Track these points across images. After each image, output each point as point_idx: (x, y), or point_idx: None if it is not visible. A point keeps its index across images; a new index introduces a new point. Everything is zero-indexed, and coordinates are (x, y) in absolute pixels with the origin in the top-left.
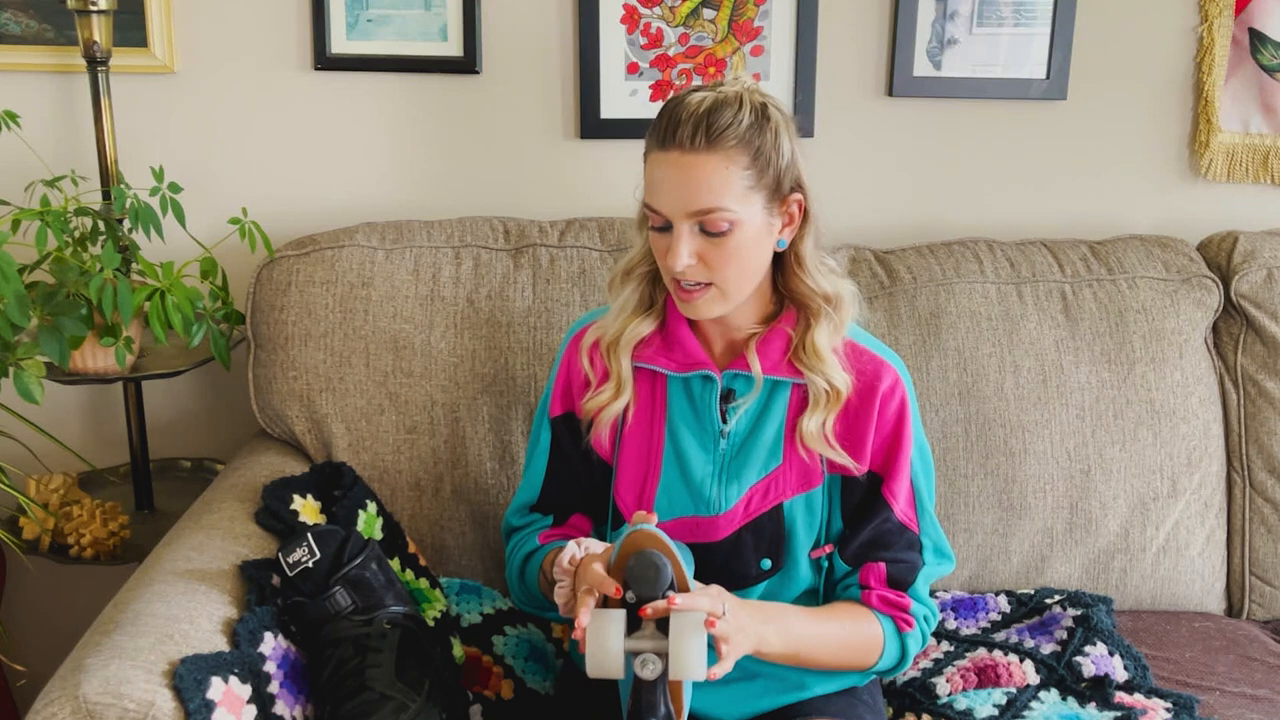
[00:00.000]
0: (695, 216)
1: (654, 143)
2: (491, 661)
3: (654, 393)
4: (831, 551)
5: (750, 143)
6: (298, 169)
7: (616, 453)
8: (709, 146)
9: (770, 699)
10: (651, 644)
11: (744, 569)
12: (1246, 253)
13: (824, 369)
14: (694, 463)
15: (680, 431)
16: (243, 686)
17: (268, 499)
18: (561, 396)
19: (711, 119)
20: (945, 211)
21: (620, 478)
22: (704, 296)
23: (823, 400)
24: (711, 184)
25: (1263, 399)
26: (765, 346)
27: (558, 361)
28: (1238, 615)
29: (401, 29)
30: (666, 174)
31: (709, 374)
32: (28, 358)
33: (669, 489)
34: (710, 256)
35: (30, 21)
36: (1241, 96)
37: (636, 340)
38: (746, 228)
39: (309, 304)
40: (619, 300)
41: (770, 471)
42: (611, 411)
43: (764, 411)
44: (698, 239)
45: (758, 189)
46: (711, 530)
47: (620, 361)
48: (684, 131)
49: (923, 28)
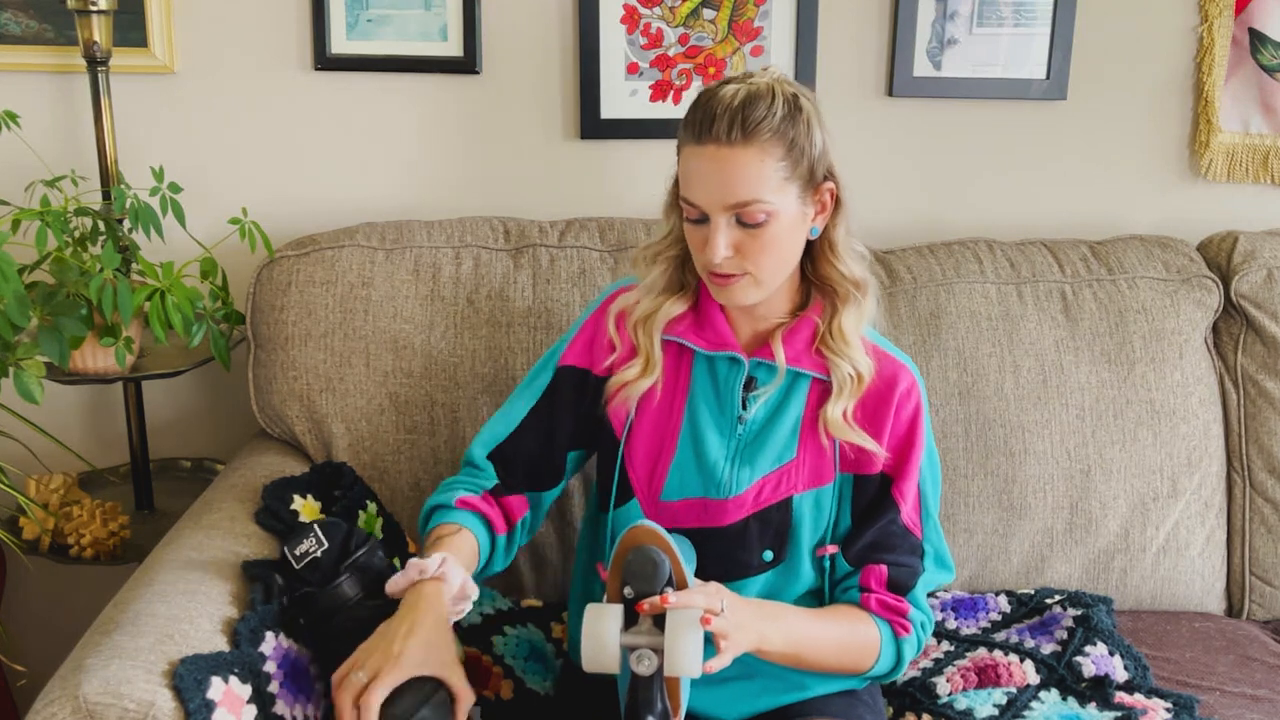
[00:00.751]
0: (733, 209)
1: (689, 136)
2: (491, 661)
3: (679, 368)
4: (836, 552)
5: (784, 134)
6: (298, 169)
7: (630, 423)
8: (745, 140)
9: (769, 698)
10: (648, 640)
11: (747, 558)
12: (1246, 253)
13: (851, 354)
14: (710, 444)
15: (700, 411)
16: (243, 686)
17: (268, 499)
18: (582, 350)
19: (746, 112)
20: (945, 211)
21: (634, 450)
22: (739, 284)
23: (847, 387)
24: (748, 177)
25: (1263, 399)
26: (791, 337)
27: (586, 315)
28: (1238, 615)
29: (401, 29)
30: (703, 167)
31: (736, 356)
32: (28, 358)
33: (682, 467)
34: (747, 247)
35: (30, 21)
36: (1241, 96)
37: (669, 319)
38: (782, 218)
39: (309, 304)
40: (648, 279)
41: (784, 464)
42: (639, 388)
43: (783, 403)
44: (734, 231)
45: (793, 180)
46: (720, 514)
47: (653, 340)
48: (720, 126)
49: (923, 28)
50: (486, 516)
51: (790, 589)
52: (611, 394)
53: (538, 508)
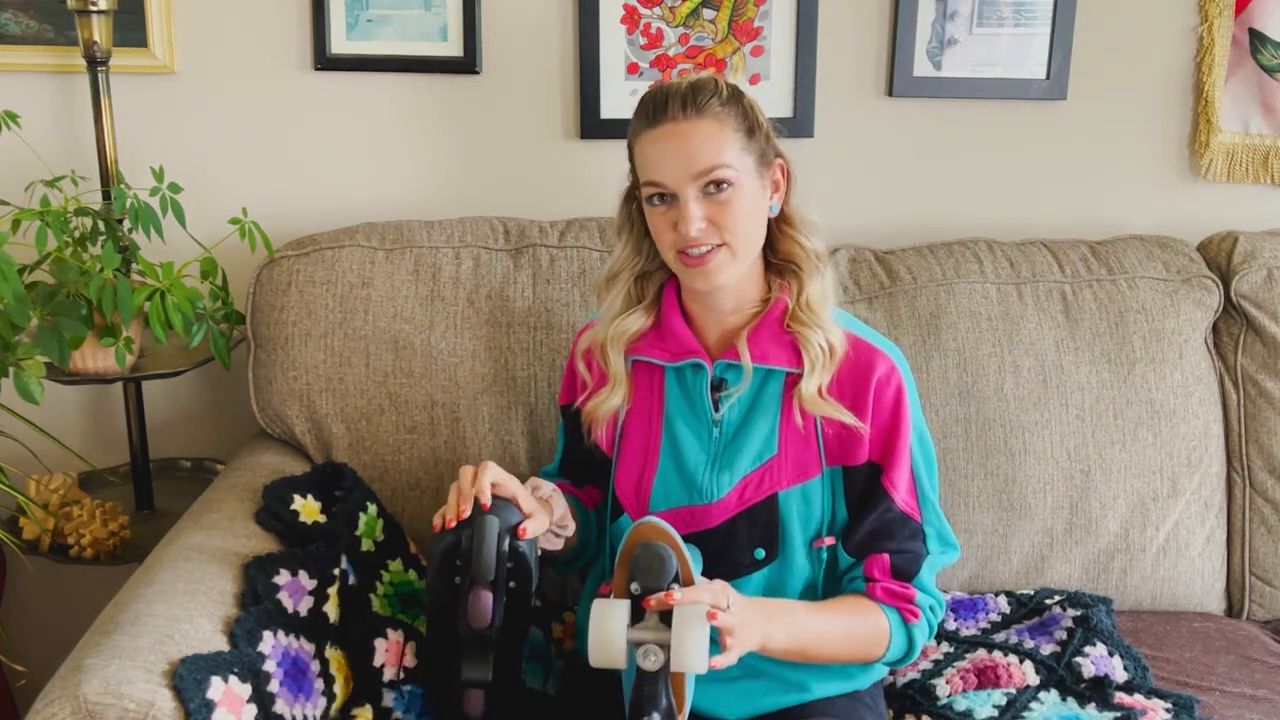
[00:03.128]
0: (700, 178)
1: (643, 124)
2: None
3: (652, 386)
4: (834, 544)
5: (733, 109)
6: (298, 169)
7: (617, 447)
8: (698, 114)
9: (773, 698)
10: (654, 635)
11: (738, 557)
12: (1246, 253)
13: (822, 324)
14: (688, 451)
15: (675, 422)
16: (242, 686)
17: (268, 499)
18: (568, 389)
19: (695, 92)
20: (945, 211)
21: (620, 470)
22: (715, 259)
23: (819, 360)
24: (709, 143)
25: (1263, 399)
26: (756, 336)
27: (570, 355)
28: (1238, 615)
29: (401, 29)
30: (664, 146)
31: (699, 362)
32: (28, 358)
33: (665, 478)
34: (718, 217)
35: (30, 21)
36: (1241, 96)
37: (626, 335)
38: (745, 188)
39: (309, 304)
40: (606, 304)
41: (764, 462)
42: (608, 408)
43: (756, 402)
44: (704, 203)
45: (749, 151)
46: (705, 518)
47: (611, 358)
48: (674, 105)
49: (923, 28)
50: (576, 495)
51: (788, 584)
52: (587, 422)
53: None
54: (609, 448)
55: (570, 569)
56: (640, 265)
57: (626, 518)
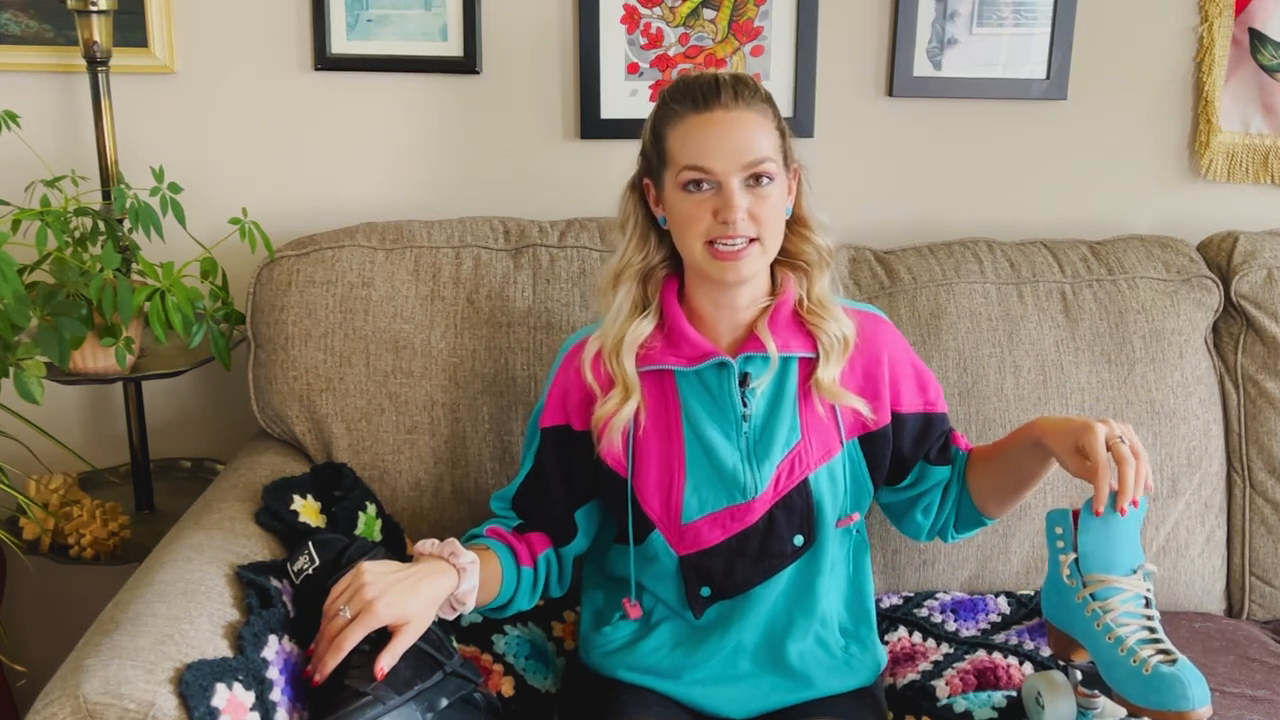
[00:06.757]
0: (748, 169)
1: (686, 108)
2: (492, 660)
3: (664, 393)
4: (859, 520)
5: (770, 107)
6: (298, 169)
7: (631, 462)
8: (747, 104)
9: (778, 697)
10: None
11: (780, 548)
12: (1246, 253)
13: (834, 315)
14: (722, 453)
15: (702, 425)
16: (246, 693)
17: (268, 499)
18: (556, 408)
19: (740, 83)
20: (945, 211)
21: (644, 485)
22: (749, 253)
23: (835, 350)
24: (758, 135)
25: (1263, 399)
26: (773, 325)
27: (552, 374)
28: (1238, 616)
29: (401, 29)
30: (715, 131)
31: (724, 360)
32: (28, 358)
33: (699, 487)
34: (757, 210)
35: (30, 21)
36: (1241, 96)
37: (638, 341)
38: (779, 185)
39: (309, 304)
40: (613, 305)
41: (793, 448)
42: (622, 417)
43: (778, 390)
44: (746, 194)
45: (781, 150)
46: (746, 515)
47: (624, 365)
48: (725, 92)
49: (923, 28)
50: (513, 548)
51: (818, 571)
52: (599, 434)
53: (563, 559)
54: (622, 465)
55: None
56: (645, 260)
57: (658, 534)
